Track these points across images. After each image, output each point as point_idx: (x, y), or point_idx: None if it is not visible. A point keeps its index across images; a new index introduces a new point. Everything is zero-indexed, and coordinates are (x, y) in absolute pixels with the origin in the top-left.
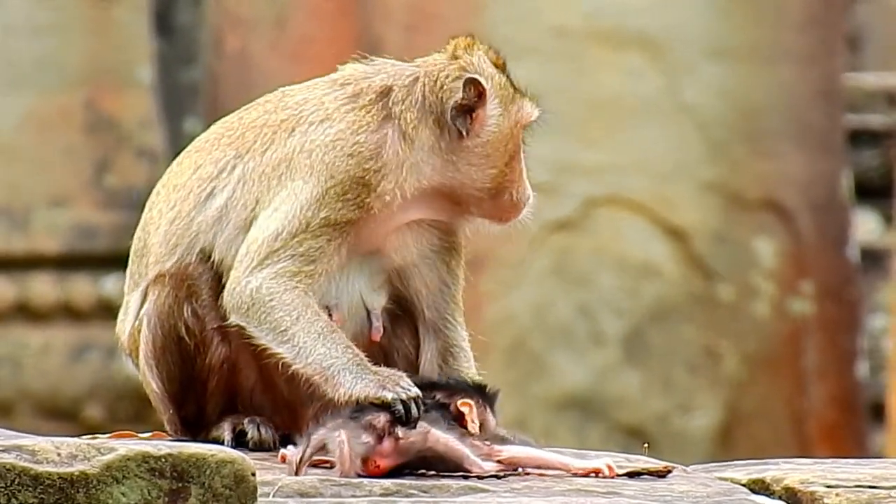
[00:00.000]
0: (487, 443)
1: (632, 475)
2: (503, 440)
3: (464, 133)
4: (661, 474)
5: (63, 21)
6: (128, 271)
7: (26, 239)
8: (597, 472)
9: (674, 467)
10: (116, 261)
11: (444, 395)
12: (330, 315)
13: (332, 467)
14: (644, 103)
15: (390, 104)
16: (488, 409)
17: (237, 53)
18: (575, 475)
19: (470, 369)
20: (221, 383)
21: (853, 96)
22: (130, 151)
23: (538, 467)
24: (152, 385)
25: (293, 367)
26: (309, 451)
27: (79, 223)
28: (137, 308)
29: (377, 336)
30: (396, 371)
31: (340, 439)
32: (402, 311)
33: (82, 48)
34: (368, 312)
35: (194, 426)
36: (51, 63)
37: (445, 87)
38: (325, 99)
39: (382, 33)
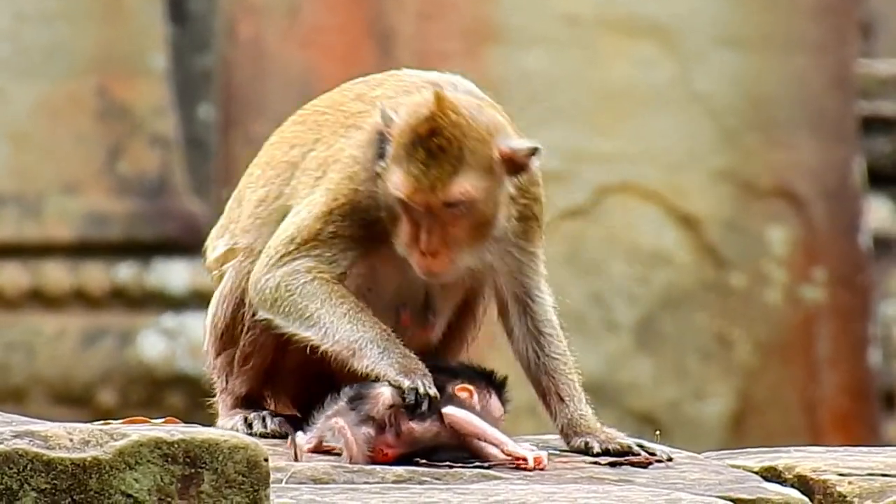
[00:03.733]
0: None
1: (614, 465)
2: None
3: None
4: (643, 465)
5: (75, 8)
6: (225, 213)
7: (39, 226)
8: (523, 460)
9: (657, 458)
10: (129, 248)
11: (445, 378)
12: (398, 313)
13: (341, 454)
14: (656, 91)
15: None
16: (493, 396)
17: (250, 41)
18: (506, 454)
19: (564, 355)
20: (258, 366)
21: (866, 84)
22: (143, 138)
23: (475, 436)
24: (208, 325)
25: (322, 349)
26: (311, 439)
27: (91, 210)
28: (223, 259)
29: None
30: (424, 365)
31: (340, 426)
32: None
33: (95, 35)
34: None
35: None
36: (63, 50)
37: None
38: (401, 101)
39: (395, 21)
